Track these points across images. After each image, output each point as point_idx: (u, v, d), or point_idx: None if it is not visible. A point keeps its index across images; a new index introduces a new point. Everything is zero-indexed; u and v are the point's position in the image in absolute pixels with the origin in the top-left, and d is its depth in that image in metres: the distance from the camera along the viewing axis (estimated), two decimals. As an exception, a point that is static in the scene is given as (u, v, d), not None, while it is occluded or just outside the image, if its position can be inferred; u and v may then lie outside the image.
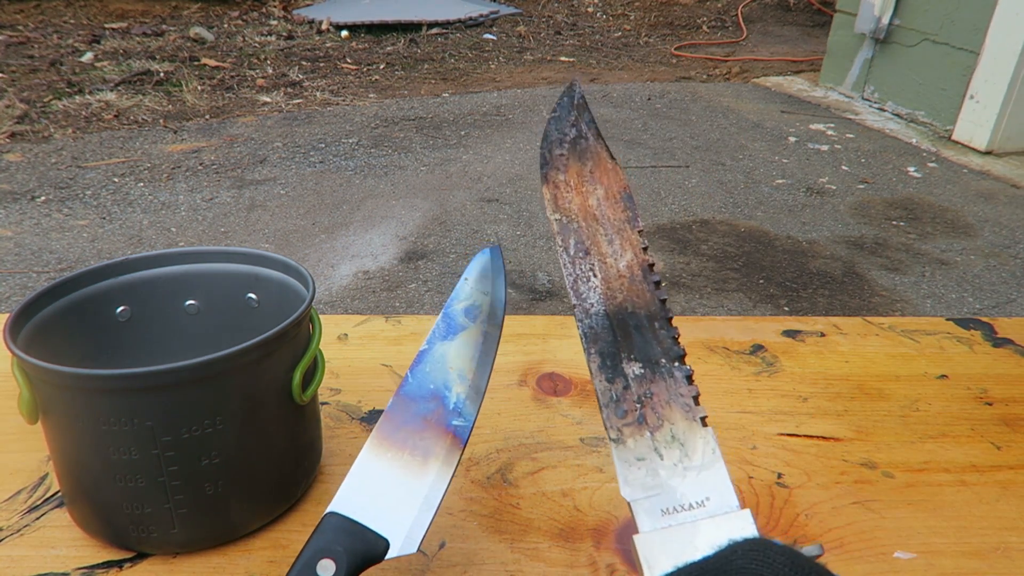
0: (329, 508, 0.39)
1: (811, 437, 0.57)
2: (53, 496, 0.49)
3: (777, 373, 0.64)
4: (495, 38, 4.99)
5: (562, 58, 4.64)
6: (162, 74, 3.93)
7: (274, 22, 5.10)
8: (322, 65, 4.27)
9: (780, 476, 0.53)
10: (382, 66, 4.31)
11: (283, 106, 3.64)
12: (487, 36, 5.01)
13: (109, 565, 0.44)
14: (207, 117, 3.46)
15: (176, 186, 2.77)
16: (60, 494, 0.48)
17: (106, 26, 4.79)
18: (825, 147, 3.30)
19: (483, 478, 0.52)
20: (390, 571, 0.44)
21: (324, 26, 4.90)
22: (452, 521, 0.48)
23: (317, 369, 0.48)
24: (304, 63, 4.28)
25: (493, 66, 4.43)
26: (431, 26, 5.03)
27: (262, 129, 3.33)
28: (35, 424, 0.44)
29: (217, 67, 4.14)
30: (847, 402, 0.61)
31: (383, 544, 0.39)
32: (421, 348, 0.44)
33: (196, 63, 4.16)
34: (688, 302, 2.11)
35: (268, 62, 4.25)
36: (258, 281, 0.52)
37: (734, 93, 4.02)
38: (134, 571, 0.44)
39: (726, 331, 0.71)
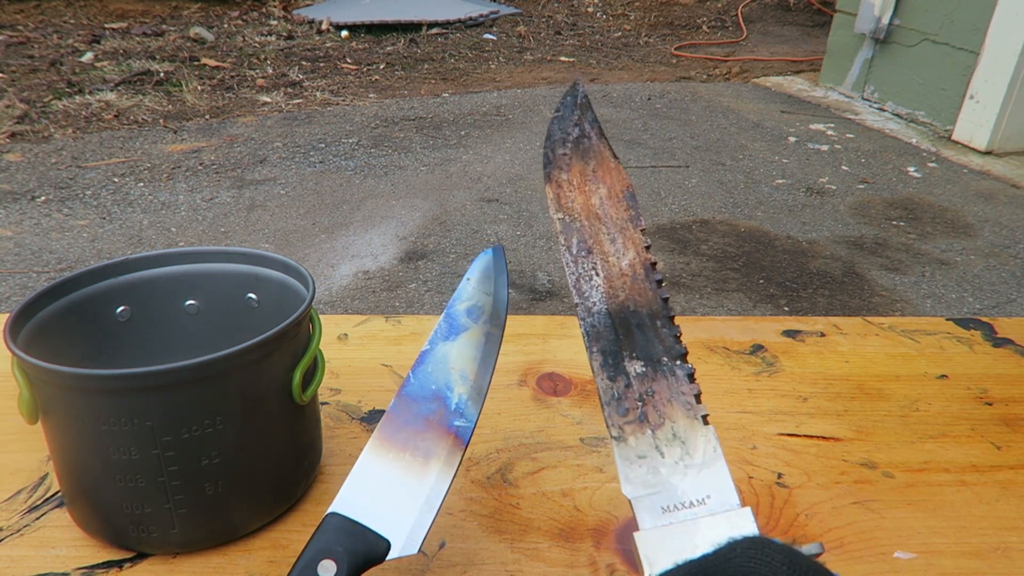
0: (330, 509, 0.39)
1: (811, 437, 0.57)
2: (53, 496, 0.49)
3: (777, 373, 0.64)
4: (495, 38, 4.99)
5: (562, 58, 4.64)
6: (162, 74, 3.93)
7: (274, 22, 5.10)
8: (322, 65, 4.27)
9: (780, 476, 0.53)
10: (382, 66, 4.31)
11: (283, 106, 3.64)
12: (487, 36, 5.01)
13: (109, 565, 0.44)
14: (207, 117, 3.46)
15: (176, 186, 2.77)
16: (60, 494, 0.48)
17: (106, 26, 4.79)
18: (825, 147, 3.30)
19: (483, 478, 0.52)
20: (390, 571, 0.44)
21: (324, 26, 4.90)
22: (452, 521, 0.48)
23: (317, 369, 0.48)
24: (304, 63, 4.28)
25: (493, 66, 4.43)
26: (431, 26, 5.03)
27: (262, 129, 3.33)
28: (35, 424, 0.44)
29: (217, 67, 4.14)
30: (847, 402, 0.61)
31: (384, 545, 0.39)
32: (423, 348, 0.44)
33: (196, 63, 4.16)
34: (688, 302, 2.11)
35: (268, 62, 4.25)
36: (258, 281, 0.52)
37: (734, 93, 4.02)
38: (134, 571, 0.44)
39: (726, 331, 0.71)
